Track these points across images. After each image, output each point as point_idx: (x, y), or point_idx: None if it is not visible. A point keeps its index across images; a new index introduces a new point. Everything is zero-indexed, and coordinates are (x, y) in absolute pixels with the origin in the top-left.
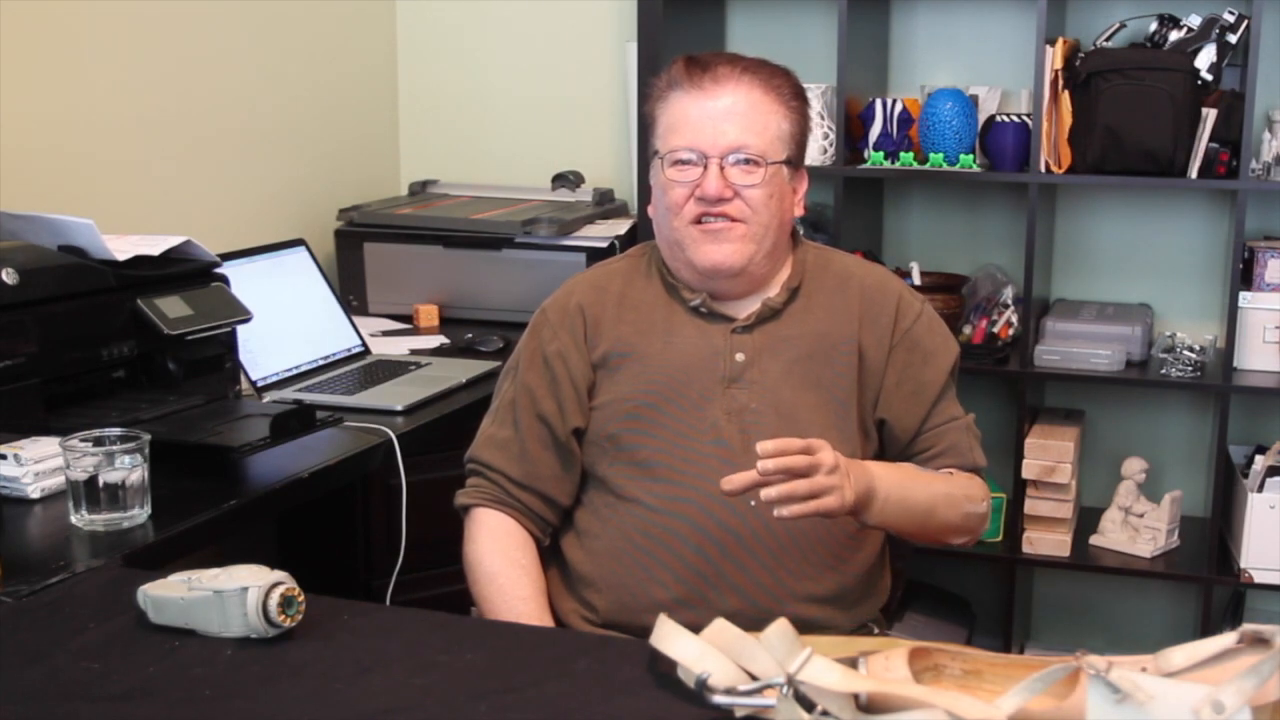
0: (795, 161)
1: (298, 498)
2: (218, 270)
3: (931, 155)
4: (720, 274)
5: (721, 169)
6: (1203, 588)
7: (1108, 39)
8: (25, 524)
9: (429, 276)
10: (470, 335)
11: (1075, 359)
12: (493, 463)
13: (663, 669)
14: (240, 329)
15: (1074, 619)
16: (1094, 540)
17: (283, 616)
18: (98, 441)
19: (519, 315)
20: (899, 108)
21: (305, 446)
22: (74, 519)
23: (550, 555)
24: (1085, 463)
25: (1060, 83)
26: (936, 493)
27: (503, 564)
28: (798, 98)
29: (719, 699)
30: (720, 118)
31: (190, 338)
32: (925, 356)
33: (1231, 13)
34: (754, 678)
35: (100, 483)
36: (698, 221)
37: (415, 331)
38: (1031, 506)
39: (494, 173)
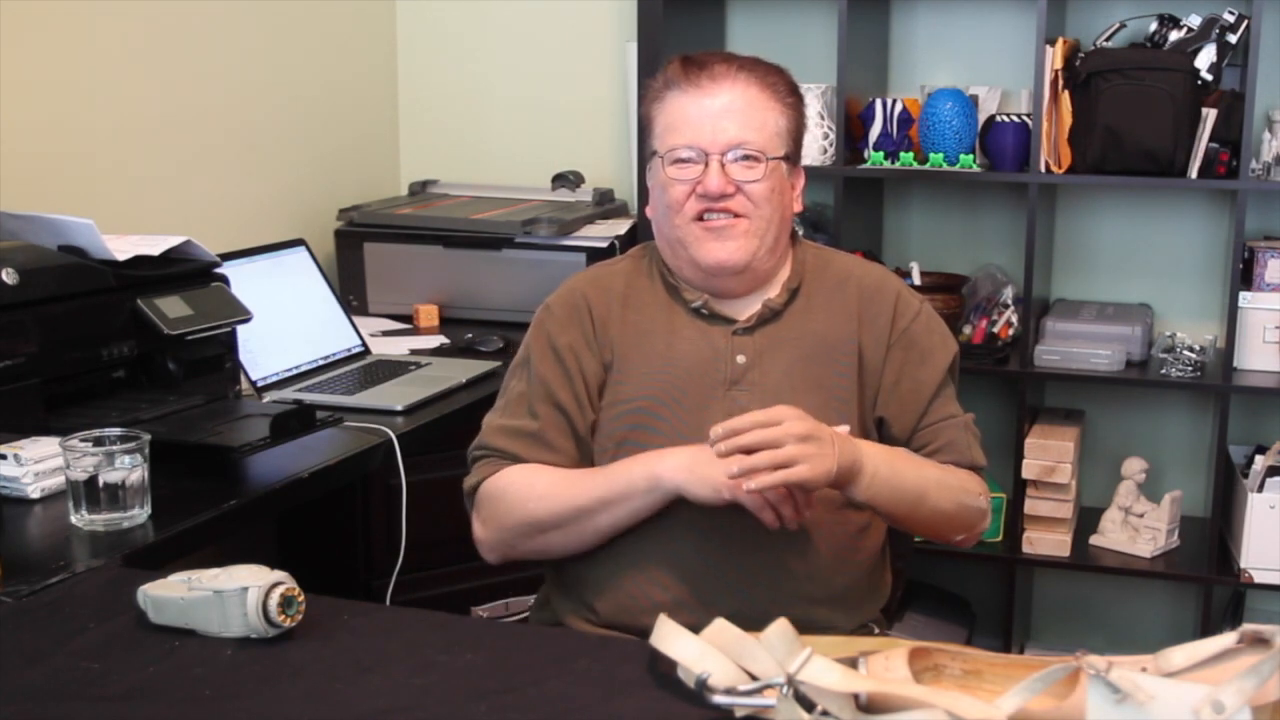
0: (793, 158)
1: (298, 498)
2: (218, 270)
3: (931, 155)
4: (725, 271)
5: (722, 165)
6: (1203, 588)
7: (1108, 39)
8: (25, 524)
9: (429, 276)
10: (470, 335)
11: (1075, 359)
12: (507, 448)
13: (663, 669)
14: (240, 329)
15: (1074, 619)
16: (1094, 540)
17: (283, 616)
18: (98, 441)
19: (519, 315)
20: (899, 108)
21: (305, 446)
22: (74, 519)
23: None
24: (1085, 463)
25: (1060, 83)
26: (928, 477)
27: (550, 473)
28: (793, 94)
29: (719, 699)
30: (719, 115)
31: (190, 338)
32: (922, 355)
33: (1231, 13)
34: (754, 678)
35: (100, 483)
36: (699, 218)
37: (415, 331)
38: (1031, 506)
39: (494, 173)
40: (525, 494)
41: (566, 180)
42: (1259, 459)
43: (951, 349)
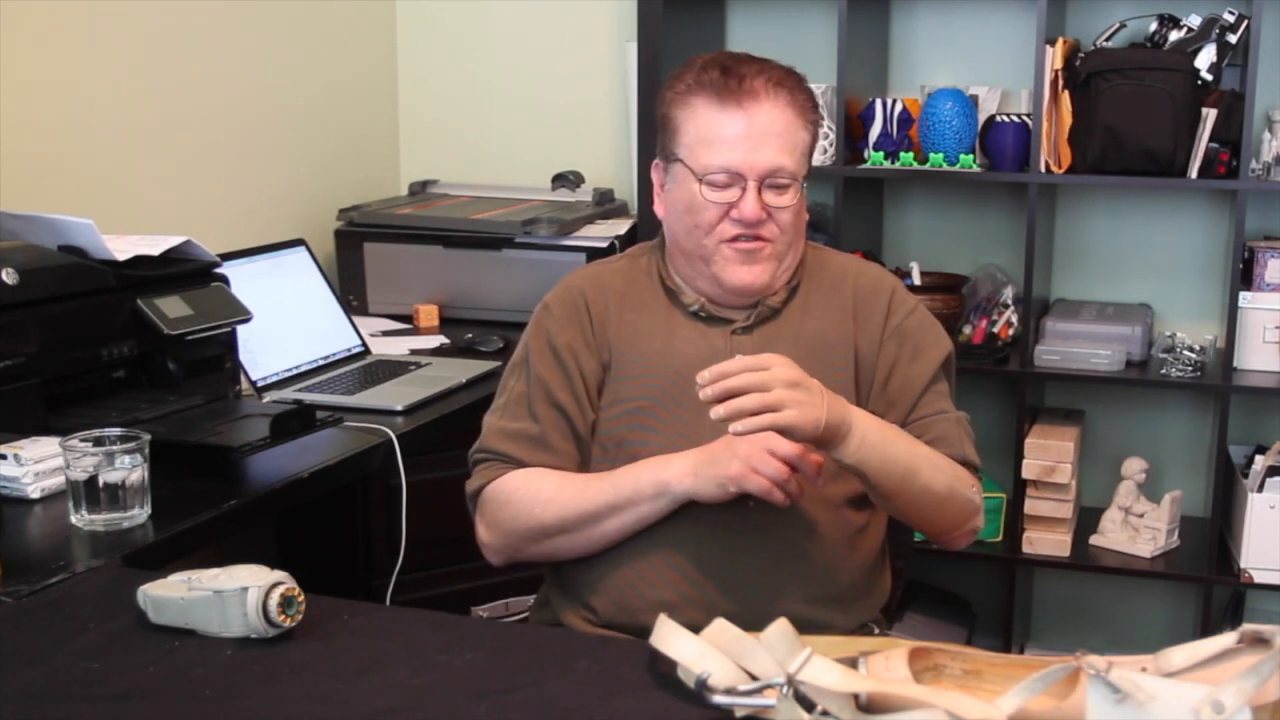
0: (810, 173)
1: (298, 498)
2: (218, 270)
3: (931, 155)
4: (749, 293)
5: (759, 190)
6: (1203, 588)
7: (1108, 39)
8: (25, 524)
9: (429, 276)
10: (470, 335)
11: (1075, 359)
12: (509, 452)
13: (663, 669)
14: (240, 329)
15: (1074, 619)
16: (1094, 540)
17: (283, 616)
18: (98, 441)
19: (519, 315)
20: (899, 108)
21: (305, 446)
22: (74, 519)
23: None
24: (1085, 463)
25: (1060, 83)
26: (920, 454)
27: (556, 478)
28: (815, 110)
29: (719, 699)
30: (758, 138)
31: (190, 338)
32: (915, 351)
33: (1231, 13)
34: (754, 678)
35: (100, 483)
36: (731, 240)
37: (415, 331)
38: (1031, 506)
39: (494, 173)
40: (531, 499)
41: (566, 180)
42: (1259, 459)
43: (945, 346)
